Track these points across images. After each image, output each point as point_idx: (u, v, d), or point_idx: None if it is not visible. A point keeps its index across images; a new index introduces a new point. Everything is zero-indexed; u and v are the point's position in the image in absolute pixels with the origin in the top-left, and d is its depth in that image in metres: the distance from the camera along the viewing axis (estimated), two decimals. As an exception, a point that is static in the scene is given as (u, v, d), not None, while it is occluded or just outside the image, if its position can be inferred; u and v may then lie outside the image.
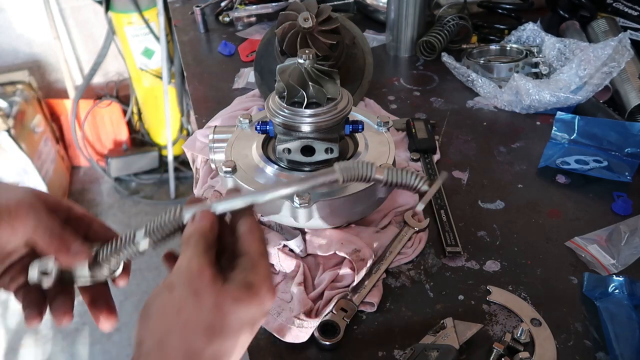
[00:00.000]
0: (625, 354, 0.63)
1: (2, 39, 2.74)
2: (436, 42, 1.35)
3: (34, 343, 2.17)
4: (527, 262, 0.79)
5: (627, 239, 0.80)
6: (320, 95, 0.71)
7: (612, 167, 0.93)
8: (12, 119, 2.40)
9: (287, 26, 1.00)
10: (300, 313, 0.69)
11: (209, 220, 0.52)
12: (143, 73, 2.66)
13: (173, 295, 0.46)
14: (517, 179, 0.96)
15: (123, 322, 2.20)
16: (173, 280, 0.47)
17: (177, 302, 0.45)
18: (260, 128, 0.78)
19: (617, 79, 1.12)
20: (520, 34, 1.32)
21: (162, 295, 0.46)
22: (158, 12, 2.38)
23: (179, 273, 0.47)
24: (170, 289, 0.46)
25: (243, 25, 1.61)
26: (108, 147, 3.02)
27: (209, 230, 0.51)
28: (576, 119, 0.98)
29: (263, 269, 0.49)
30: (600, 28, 1.28)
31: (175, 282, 0.47)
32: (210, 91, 1.29)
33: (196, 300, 0.45)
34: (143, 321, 0.46)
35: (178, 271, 0.48)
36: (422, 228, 0.83)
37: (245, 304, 0.46)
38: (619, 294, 0.71)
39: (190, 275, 0.47)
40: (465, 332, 0.66)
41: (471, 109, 1.18)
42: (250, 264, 0.49)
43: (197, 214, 0.52)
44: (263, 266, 0.50)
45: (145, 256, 0.55)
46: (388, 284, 0.76)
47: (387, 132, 0.84)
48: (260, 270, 0.49)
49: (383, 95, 1.23)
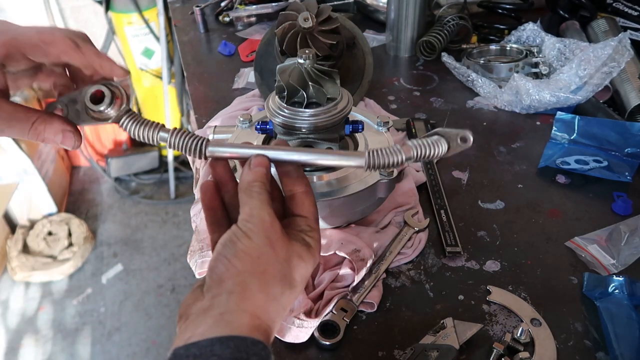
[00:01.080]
0: (625, 354, 0.63)
1: (2, 39, 2.74)
2: (436, 42, 1.35)
3: (34, 343, 2.17)
4: (527, 262, 0.79)
5: (627, 239, 0.80)
6: (320, 95, 0.71)
7: (612, 167, 0.93)
8: (12, 119, 2.40)
9: (287, 26, 1.00)
10: (300, 313, 0.69)
11: (266, 167, 0.54)
12: (143, 73, 2.66)
13: (252, 242, 0.48)
14: (517, 179, 0.96)
15: (123, 322, 2.20)
16: (249, 227, 0.49)
17: (256, 249, 0.48)
18: (260, 128, 0.78)
19: (617, 79, 1.12)
20: (520, 34, 1.32)
21: (243, 241, 0.48)
22: (158, 12, 2.38)
23: (253, 222, 0.49)
24: (248, 236, 0.48)
25: (243, 25, 1.61)
26: (108, 147, 3.03)
27: (266, 178, 0.53)
28: (576, 119, 0.98)
29: (318, 233, 0.54)
30: (600, 28, 1.28)
31: (251, 230, 0.48)
32: (210, 91, 1.29)
33: (272, 250, 0.48)
34: (225, 260, 0.47)
35: (252, 219, 0.49)
36: (422, 228, 0.83)
37: (304, 262, 0.51)
38: (619, 294, 0.71)
39: (264, 226, 0.49)
40: (465, 332, 0.66)
41: (471, 109, 1.18)
42: (308, 226, 0.53)
43: (253, 160, 0.54)
44: (318, 230, 0.54)
45: (145, 256, 0.55)
46: (388, 284, 0.76)
47: (387, 132, 0.84)
48: (316, 234, 0.53)
49: (383, 95, 1.23)
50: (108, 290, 2.36)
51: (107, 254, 2.56)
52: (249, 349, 0.42)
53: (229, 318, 0.44)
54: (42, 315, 2.28)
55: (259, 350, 0.43)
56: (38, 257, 2.42)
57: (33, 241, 2.46)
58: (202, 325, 0.44)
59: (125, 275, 2.43)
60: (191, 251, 0.80)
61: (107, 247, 2.59)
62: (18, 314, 2.29)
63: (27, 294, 2.37)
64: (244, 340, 0.43)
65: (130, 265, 2.48)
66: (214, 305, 0.46)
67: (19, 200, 2.49)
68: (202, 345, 0.42)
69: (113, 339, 2.15)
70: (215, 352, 0.41)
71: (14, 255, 2.40)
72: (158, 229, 2.69)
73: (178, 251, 2.55)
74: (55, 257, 2.45)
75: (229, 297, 0.46)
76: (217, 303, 0.46)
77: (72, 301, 2.33)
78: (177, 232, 2.68)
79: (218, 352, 0.41)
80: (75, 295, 2.36)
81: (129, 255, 2.54)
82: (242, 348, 0.42)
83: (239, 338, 0.43)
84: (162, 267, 2.47)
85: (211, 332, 0.43)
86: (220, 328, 0.43)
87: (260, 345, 0.43)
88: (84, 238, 2.52)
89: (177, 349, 0.42)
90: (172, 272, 2.44)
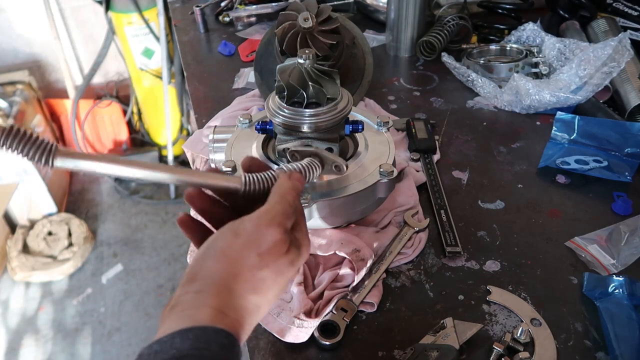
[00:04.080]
0: (625, 354, 0.63)
1: (2, 39, 2.74)
2: (436, 42, 1.35)
3: (34, 343, 2.17)
4: (527, 262, 0.79)
5: (627, 239, 0.80)
6: (320, 95, 0.71)
7: (612, 167, 0.93)
8: (12, 119, 2.40)
9: (287, 26, 1.00)
10: (300, 313, 0.69)
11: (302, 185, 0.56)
12: (143, 73, 2.66)
13: (237, 242, 0.48)
14: (517, 179, 0.96)
15: (123, 322, 2.20)
16: (245, 227, 0.49)
17: (238, 250, 0.48)
18: (260, 128, 0.78)
19: (617, 79, 1.12)
20: (520, 34, 1.32)
21: (227, 237, 0.49)
22: (158, 12, 2.38)
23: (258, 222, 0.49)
24: (238, 234, 0.49)
25: (243, 25, 1.61)
26: (108, 147, 3.03)
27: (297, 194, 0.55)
28: (576, 119, 0.98)
29: (305, 226, 0.56)
30: (600, 28, 1.28)
31: (246, 230, 0.49)
32: (210, 91, 1.29)
33: (257, 257, 0.48)
34: (201, 260, 0.48)
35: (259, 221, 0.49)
36: (422, 228, 0.83)
37: (296, 262, 0.51)
38: (619, 294, 0.71)
39: (261, 235, 0.49)
40: (465, 332, 0.66)
41: (471, 109, 1.18)
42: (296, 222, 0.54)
43: (295, 175, 0.56)
44: (305, 224, 0.56)
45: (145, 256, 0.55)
46: (388, 284, 0.76)
47: (387, 132, 0.84)
48: (303, 227, 0.55)
49: (383, 95, 1.23)
50: (108, 290, 2.36)
51: (107, 254, 2.55)
52: (210, 338, 0.42)
53: (191, 312, 0.44)
54: (42, 315, 2.28)
55: (221, 338, 0.42)
56: (38, 257, 2.42)
57: (33, 241, 2.46)
58: (167, 323, 0.43)
59: (125, 275, 2.43)
60: (191, 251, 0.80)
61: (107, 247, 2.59)
62: (18, 314, 2.29)
63: (27, 294, 2.37)
64: (204, 330, 0.42)
65: (130, 265, 2.48)
66: (179, 303, 0.45)
67: (19, 200, 2.49)
68: (163, 340, 0.41)
69: (113, 339, 2.14)
70: (175, 345, 0.40)
71: (14, 255, 2.40)
72: (158, 229, 2.69)
73: (178, 251, 2.55)
74: (55, 257, 2.45)
75: (196, 295, 0.45)
76: (183, 301, 0.45)
77: (72, 301, 2.33)
78: (177, 232, 2.67)
79: (178, 345, 0.40)
80: (75, 295, 2.35)
81: (129, 255, 2.53)
82: (202, 338, 0.41)
83: (199, 328, 0.42)
84: (162, 267, 2.47)
85: (173, 327, 0.42)
86: (182, 322, 0.43)
87: (222, 333, 0.42)
88: (84, 238, 2.52)
89: (142, 350, 0.42)
90: (172, 272, 2.44)
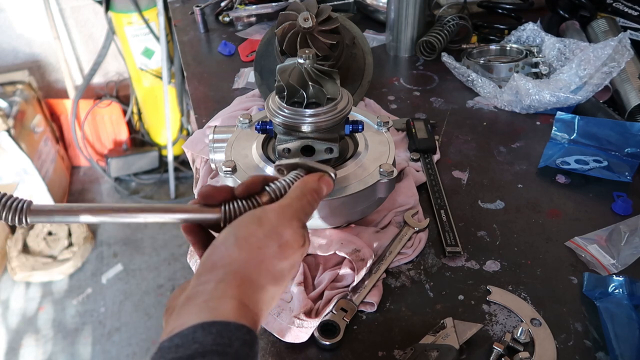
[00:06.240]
0: (625, 354, 0.63)
1: (2, 39, 2.74)
2: (436, 42, 1.35)
3: (34, 343, 2.17)
4: (527, 262, 0.79)
5: (627, 239, 0.80)
6: (320, 95, 0.71)
7: (612, 167, 0.93)
8: (12, 119, 2.40)
9: (287, 26, 1.00)
10: (300, 313, 0.69)
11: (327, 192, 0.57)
12: (143, 73, 2.66)
13: (261, 230, 0.49)
14: (517, 179, 0.96)
15: (123, 322, 2.20)
16: (269, 217, 0.50)
17: (261, 239, 0.49)
18: (260, 128, 0.78)
19: (617, 79, 1.12)
20: (520, 34, 1.32)
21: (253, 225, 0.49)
22: (158, 12, 2.38)
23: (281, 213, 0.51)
24: (262, 222, 0.49)
25: (243, 25, 1.61)
26: (108, 147, 3.02)
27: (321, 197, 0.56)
28: (576, 119, 0.98)
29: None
30: (600, 28, 1.28)
31: (270, 220, 0.50)
32: (210, 91, 1.29)
33: (279, 249, 0.49)
34: (223, 248, 0.48)
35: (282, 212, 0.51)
36: (422, 228, 0.83)
37: (302, 257, 0.52)
38: (619, 294, 0.71)
39: (285, 222, 0.50)
40: (465, 332, 0.66)
41: (471, 109, 1.18)
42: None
43: (325, 179, 0.57)
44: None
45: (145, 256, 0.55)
46: (388, 284, 0.76)
47: (387, 132, 0.84)
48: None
49: (383, 95, 1.23)
50: (108, 290, 2.36)
51: (107, 254, 2.55)
52: (232, 334, 0.41)
53: (214, 304, 0.43)
54: (42, 315, 2.28)
55: (243, 334, 0.41)
56: (38, 257, 2.42)
57: (33, 241, 2.46)
58: (186, 314, 0.42)
59: (125, 275, 2.43)
60: (191, 251, 0.80)
61: (107, 247, 2.59)
62: (18, 314, 2.29)
63: (27, 294, 2.37)
64: (227, 325, 0.41)
65: (130, 265, 2.48)
66: (199, 293, 0.44)
67: (19, 201, 2.49)
68: (184, 334, 0.40)
69: (113, 339, 2.15)
70: (197, 339, 0.39)
71: (14, 255, 2.40)
72: (158, 229, 2.69)
73: (178, 251, 2.55)
74: (55, 257, 2.45)
75: (217, 285, 0.44)
76: (203, 290, 0.44)
77: (72, 301, 2.33)
78: (177, 232, 2.67)
79: (200, 339, 0.39)
80: (75, 295, 2.35)
81: (129, 255, 2.53)
82: (225, 334, 0.40)
83: (222, 323, 0.41)
84: (162, 267, 2.47)
85: (194, 319, 0.41)
86: (204, 314, 0.41)
87: (244, 329, 0.42)
88: (84, 238, 2.52)
89: (162, 342, 0.40)
90: (172, 272, 2.44)
